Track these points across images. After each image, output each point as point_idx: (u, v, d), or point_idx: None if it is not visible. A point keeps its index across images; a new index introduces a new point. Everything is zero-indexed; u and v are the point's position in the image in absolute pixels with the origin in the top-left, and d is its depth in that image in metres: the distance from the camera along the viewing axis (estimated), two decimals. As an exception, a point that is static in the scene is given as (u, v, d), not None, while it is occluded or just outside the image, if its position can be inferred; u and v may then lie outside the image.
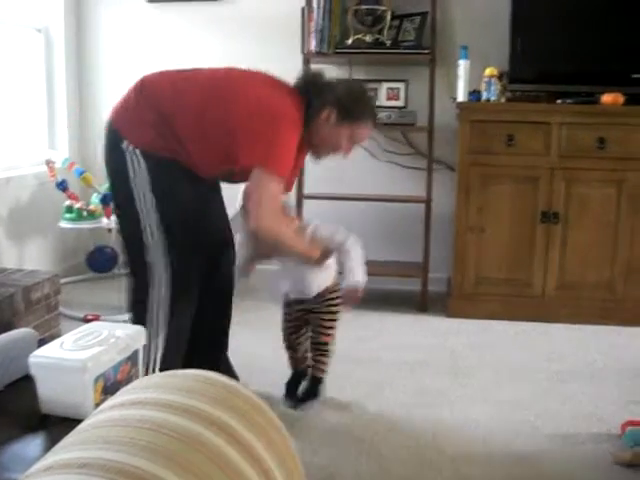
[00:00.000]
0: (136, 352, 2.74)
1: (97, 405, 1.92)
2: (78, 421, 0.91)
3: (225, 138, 2.26)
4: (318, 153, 2.52)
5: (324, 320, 2.63)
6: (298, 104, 2.37)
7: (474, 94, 3.73)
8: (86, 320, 3.39)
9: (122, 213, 2.44)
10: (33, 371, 1.90)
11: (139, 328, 2.81)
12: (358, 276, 2.51)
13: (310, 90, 2.44)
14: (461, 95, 3.74)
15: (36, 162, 4.08)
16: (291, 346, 2.73)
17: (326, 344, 2.65)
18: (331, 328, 2.63)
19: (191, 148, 2.28)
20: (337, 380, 2.79)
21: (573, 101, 3.63)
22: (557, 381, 2.96)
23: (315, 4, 3.86)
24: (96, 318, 3.42)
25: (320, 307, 2.61)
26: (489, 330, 3.54)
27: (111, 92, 4.54)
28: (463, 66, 3.74)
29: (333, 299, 2.61)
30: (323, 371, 2.68)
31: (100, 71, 4.55)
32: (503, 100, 3.71)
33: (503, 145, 3.59)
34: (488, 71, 3.67)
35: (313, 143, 2.46)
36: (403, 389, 2.86)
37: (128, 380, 2.61)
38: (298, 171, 2.55)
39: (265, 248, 2.49)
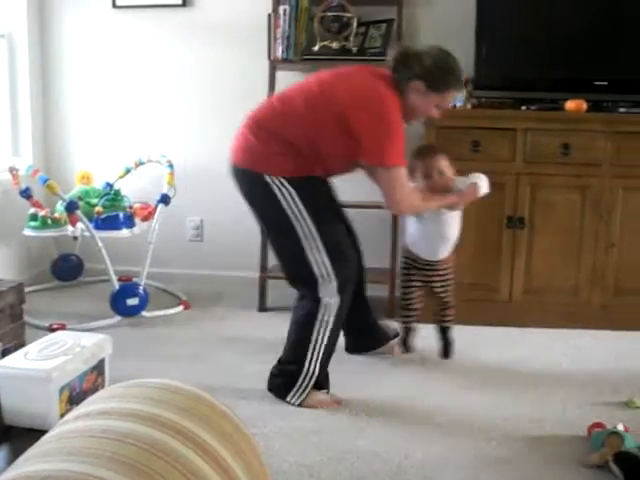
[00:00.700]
0: (102, 361, 2.73)
1: (62, 415, 1.89)
2: (43, 432, 0.89)
3: (345, 143, 2.57)
4: (408, 119, 2.71)
5: (449, 281, 3.12)
6: (390, 82, 2.61)
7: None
8: (51, 329, 3.35)
9: (281, 236, 2.72)
10: (-4, 382, 1.86)
11: (105, 337, 2.79)
12: (483, 184, 2.97)
13: (399, 65, 2.65)
14: (427, 102, 3.75)
15: (-1, 169, 4.03)
16: (409, 305, 3.17)
17: (453, 299, 3.16)
18: (452, 288, 3.16)
19: (318, 158, 2.62)
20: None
21: (537, 107, 3.67)
22: (525, 385, 2.98)
23: (281, 11, 3.86)
24: (62, 327, 3.38)
25: (445, 271, 3.10)
26: (456, 335, 3.56)
27: (76, 98, 4.50)
28: (429, 73, 3.76)
29: (451, 263, 3.13)
30: (452, 321, 3.19)
31: (64, 77, 4.50)
32: (469, 106, 3.73)
33: (469, 151, 3.62)
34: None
35: (404, 111, 2.64)
36: (368, 394, 2.85)
37: (94, 389, 2.59)
38: None
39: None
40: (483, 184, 2.98)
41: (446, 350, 3.20)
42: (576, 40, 3.75)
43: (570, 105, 3.60)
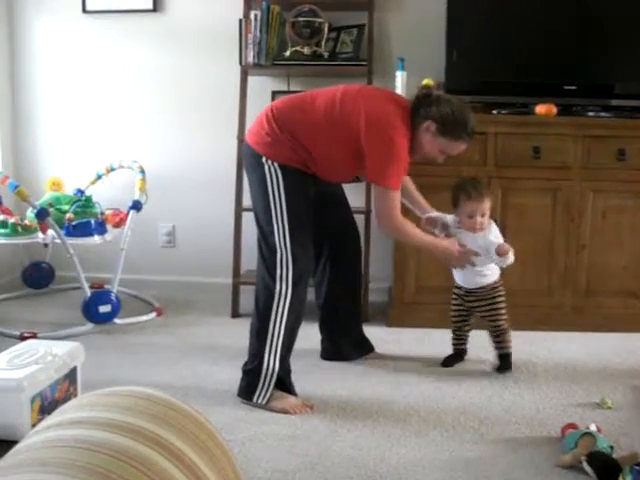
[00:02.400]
0: (74, 370, 2.70)
1: (34, 425, 1.87)
2: (14, 443, 0.88)
3: (354, 156, 2.73)
4: (413, 154, 2.84)
5: (498, 306, 3.14)
6: (406, 115, 2.76)
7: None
8: (22, 338, 3.31)
9: (261, 215, 2.81)
10: (-34, 392, 1.84)
11: (77, 345, 2.76)
12: (511, 256, 3.02)
13: (419, 103, 2.79)
14: (399, 106, 3.77)
15: (-32, 176, 3.97)
16: (455, 331, 3.27)
17: (504, 325, 3.16)
18: (504, 311, 3.15)
19: (324, 163, 2.78)
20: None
21: (508, 112, 3.70)
22: (498, 387, 3.00)
23: (252, 16, 3.86)
24: (33, 336, 3.35)
25: (492, 295, 3.13)
26: (429, 339, 3.58)
27: (46, 103, 4.46)
28: (400, 77, 3.79)
29: (499, 288, 3.15)
30: (510, 347, 3.18)
31: (34, 82, 4.46)
32: (440, 111, 3.75)
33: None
34: (425, 82, 3.72)
35: (412, 145, 2.80)
36: (343, 399, 2.85)
37: (66, 398, 2.56)
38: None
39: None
40: (511, 256, 3.02)
41: (501, 368, 3.19)
42: (546, 45, 3.79)
43: (540, 109, 3.64)
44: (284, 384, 2.79)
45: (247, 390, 2.78)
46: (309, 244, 2.84)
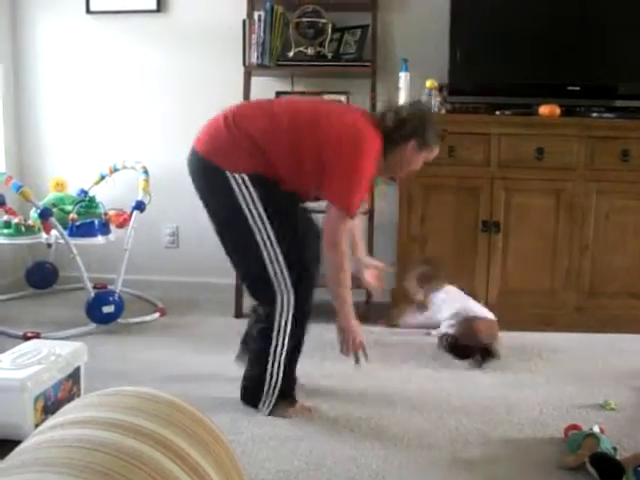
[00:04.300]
0: (77, 369, 2.70)
1: (37, 425, 1.88)
2: (17, 442, 0.88)
3: (315, 171, 2.53)
4: (395, 175, 2.86)
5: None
6: (378, 134, 2.60)
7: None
8: (25, 338, 3.31)
9: (232, 230, 2.64)
10: (-30, 392, 1.84)
11: (80, 345, 2.77)
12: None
13: (388, 124, 2.64)
14: (402, 107, 3.77)
15: (-28, 177, 3.98)
16: None
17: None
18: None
19: (285, 175, 2.55)
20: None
21: (511, 112, 3.70)
22: (501, 388, 3.00)
23: (256, 17, 3.86)
24: (36, 336, 3.35)
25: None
26: (431, 339, 3.57)
27: (49, 104, 4.47)
28: (404, 78, 3.79)
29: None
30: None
31: (38, 82, 4.47)
32: (443, 112, 3.75)
33: (444, 156, 3.63)
34: (428, 83, 3.72)
35: (390, 169, 2.74)
36: (345, 400, 2.85)
37: (70, 398, 2.56)
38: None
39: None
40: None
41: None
42: (550, 46, 3.79)
43: (544, 110, 3.64)
44: (286, 390, 2.74)
45: (252, 398, 2.74)
46: (307, 260, 2.65)
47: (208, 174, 2.59)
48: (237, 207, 2.53)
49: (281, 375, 2.69)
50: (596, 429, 2.40)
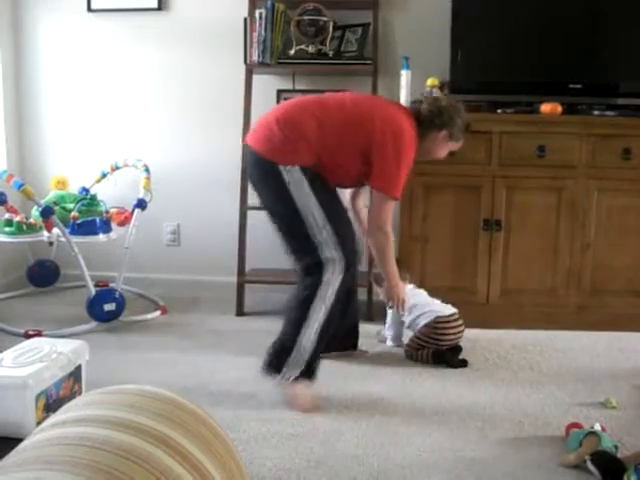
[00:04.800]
0: (79, 368, 2.70)
1: (39, 423, 1.88)
2: (19, 440, 0.88)
3: (361, 162, 2.78)
4: (419, 157, 2.94)
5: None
6: (413, 123, 2.86)
7: (416, 104, 3.76)
8: (27, 336, 3.31)
9: (282, 214, 2.81)
10: (-29, 389, 1.84)
11: (82, 343, 2.77)
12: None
13: (425, 112, 2.93)
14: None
15: (-27, 175, 3.98)
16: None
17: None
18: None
19: (332, 167, 2.77)
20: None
21: (513, 111, 3.70)
22: (503, 386, 3.00)
23: (257, 15, 3.86)
24: (38, 334, 3.35)
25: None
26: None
27: (51, 102, 4.47)
28: (405, 76, 3.78)
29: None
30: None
31: (39, 81, 4.47)
32: (445, 110, 3.75)
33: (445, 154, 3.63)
34: (429, 81, 3.72)
35: (421, 154, 2.94)
36: (347, 397, 2.86)
37: (71, 396, 2.57)
38: None
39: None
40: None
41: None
42: (551, 44, 3.78)
43: (545, 108, 3.63)
44: (309, 370, 2.75)
45: (275, 365, 2.74)
46: (352, 234, 2.83)
47: (264, 169, 2.78)
48: (288, 194, 2.71)
49: (310, 348, 2.71)
50: (597, 427, 2.40)
